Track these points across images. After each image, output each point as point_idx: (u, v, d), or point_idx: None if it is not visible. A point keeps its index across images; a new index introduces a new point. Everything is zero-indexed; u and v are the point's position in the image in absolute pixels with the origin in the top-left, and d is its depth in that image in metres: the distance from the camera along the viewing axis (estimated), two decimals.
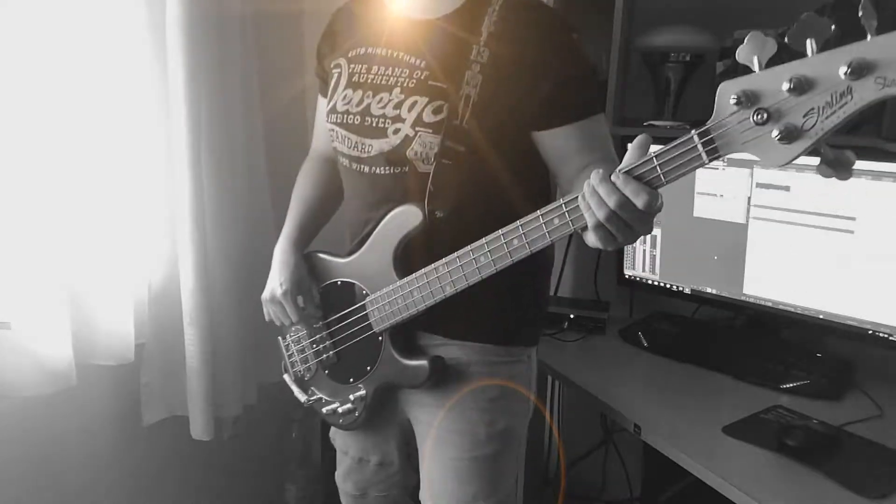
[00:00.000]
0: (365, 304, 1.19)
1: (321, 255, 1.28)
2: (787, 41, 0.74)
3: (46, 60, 1.45)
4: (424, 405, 1.21)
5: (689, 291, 1.72)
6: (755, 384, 1.48)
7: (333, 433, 1.41)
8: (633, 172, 0.85)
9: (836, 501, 1.10)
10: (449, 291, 1.07)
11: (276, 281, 1.26)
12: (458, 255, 1.04)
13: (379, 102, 1.13)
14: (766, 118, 0.77)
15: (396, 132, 1.10)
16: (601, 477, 2.09)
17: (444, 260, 1.06)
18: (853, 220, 1.42)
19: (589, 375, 1.55)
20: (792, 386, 1.45)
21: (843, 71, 0.71)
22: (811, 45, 0.73)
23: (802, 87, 0.74)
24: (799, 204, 1.48)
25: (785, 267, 1.54)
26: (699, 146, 0.81)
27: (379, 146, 1.13)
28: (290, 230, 1.30)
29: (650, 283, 1.79)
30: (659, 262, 1.75)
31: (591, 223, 0.88)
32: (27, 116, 1.44)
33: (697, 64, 1.77)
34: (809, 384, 1.44)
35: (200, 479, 1.94)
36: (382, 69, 1.14)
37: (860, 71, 0.70)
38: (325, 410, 1.29)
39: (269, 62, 1.86)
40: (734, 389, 1.48)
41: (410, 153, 1.10)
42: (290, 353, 1.35)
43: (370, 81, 1.15)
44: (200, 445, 1.72)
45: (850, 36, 0.71)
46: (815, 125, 0.75)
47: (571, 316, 1.80)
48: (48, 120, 1.46)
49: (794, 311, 1.54)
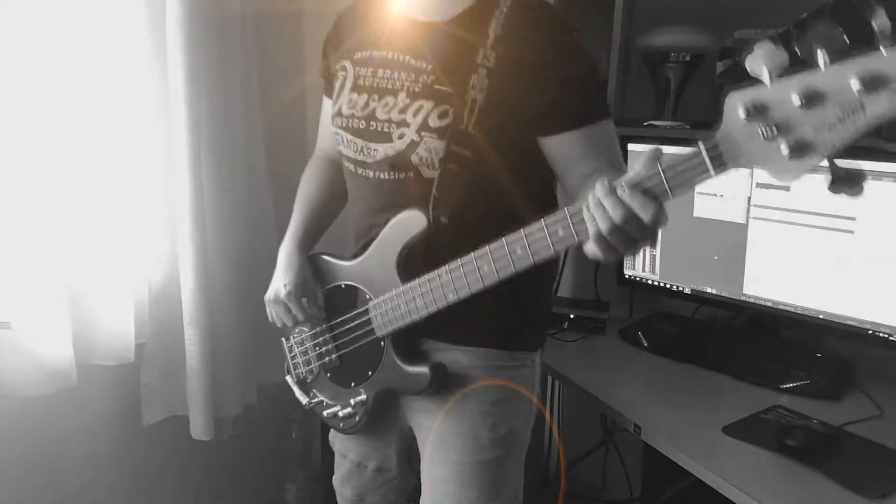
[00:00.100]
0: (368, 308, 1.18)
1: (326, 257, 1.27)
2: (798, 52, 0.71)
3: (47, 61, 1.45)
4: (426, 410, 1.20)
5: (689, 291, 1.72)
6: (755, 384, 1.48)
7: (333, 437, 1.40)
8: (639, 185, 0.83)
9: (836, 501, 1.10)
10: (451, 298, 1.05)
11: (280, 282, 1.25)
12: (461, 262, 1.03)
13: (384, 107, 1.11)
14: (775, 131, 0.74)
15: (401, 137, 1.09)
16: (601, 477, 2.09)
17: (446, 267, 1.04)
18: (853, 220, 1.42)
19: (589, 375, 1.55)
20: (792, 386, 1.45)
21: (855, 85, 0.68)
22: (822, 56, 0.70)
23: (812, 100, 0.70)
24: (799, 204, 1.49)
25: (785, 267, 1.54)
26: (707, 159, 0.79)
27: (384, 151, 1.12)
28: (294, 231, 1.29)
29: (650, 283, 1.79)
30: (659, 262, 1.75)
31: (592, 234, 0.86)
32: (27, 117, 1.44)
33: (697, 64, 1.77)
34: (809, 384, 1.44)
35: (200, 479, 1.94)
36: (388, 72, 1.12)
37: (873, 85, 0.67)
38: (325, 413, 1.29)
39: (269, 62, 1.86)
40: (734, 389, 1.48)
41: (415, 158, 1.08)
42: (292, 354, 1.34)
43: (375, 85, 1.13)
44: (200, 445, 1.72)
45: (849, 37, 0.70)
46: (825, 140, 0.71)
47: (571, 316, 1.80)
48: (48, 120, 1.46)
49: (794, 311, 1.54)
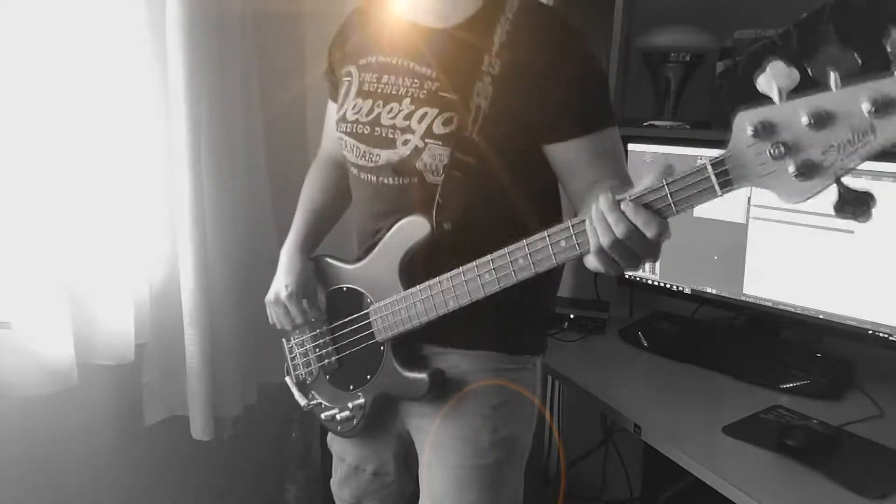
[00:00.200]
0: (368, 312, 1.18)
1: (329, 259, 1.27)
2: (809, 71, 0.69)
3: (47, 61, 1.45)
4: (425, 415, 1.19)
5: (689, 291, 1.72)
6: (755, 384, 1.48)
7: (331, 439, 1.39)
8: (642, 200, 0.82)
9: (836, 501, 1.10)
10: (452, 306, 1.05)
11: (281, 283, 1.25)
12: (462, 270, 1.02)
13: (389, 113, 1.11)
14: (783, 152, 0.73)
15: (406, 143, 1.09)
16: (601, 477, 2.09)
17: (448, 274, 1.04)
18: (854, 220, 1.41)
19: (589, 375, 1.54)
20: (792, 386, 1.45)
21: (866, 108, 0.67)
22: (834, 77, 0.68)
23: (822, 121, 0.69)
24: (799, 204, 1.48)
25: (785, 267, 1.54)
26: (713, 178, 0.78)
27: (387, 156, 1.11)
28: (297, 233, 1.29)
29: (650, 282, 1.79)
30: (659, 262, 1.75)
31: (594, 248, 0.86)
32: (28, 117, 1.44)
33: (697, 64, 1.78)
34: (809, 384, 1.44)
35: (200, 479, 1.94)
36: (393, 79, 1.12)
37: (885, 108, 0.66)
38: (323, 416, 1.28)
39: (269, 62, 1.86)
40: (734, 389, 1.48)
41: (420, 164, 1.08)
42: (292, 355, 1.34)
43: (380, 91, 1.13)
44: (200, 445, 1.72)
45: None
46: (834, 162, 0.70)
47: (571, 316, 1.80)
48: (48, 120, 1.46)
49: (793, 311, 1.54)
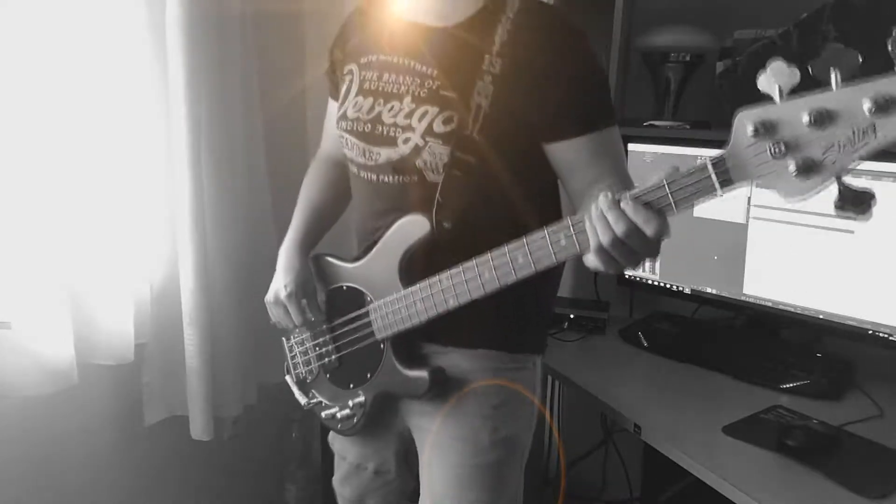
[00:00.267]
0: (368, 310, 1.18)
1: (328, 258, 1.27)
2: (810, 70, 0.70)
3: (47, 61, 1.45)
4: (426, 413, 1.19)
5: (689, 291, 1.72)
6: (755, 384, 1.48)
7: (332, 438, 1.39)
8: (642, 199, 0.83)
9: (836, 501, 1.10)
10: (452, 304, 1.05)
11: (280, 283, 1.25)
12: (462, 268, 1.02)
13: (390, 111, 1.11)
14: (783, 150, 0.73)
15: (406, 141, 1.09)
16: (601, 477, 2.09)
17: (448, 272, 1.04)
18: (853, 220, 1.41)
19: (589, 375, 1.54)
20: (792, 386, 1.45)
21: (867, 107, 0.67)
22: (835, 76, 0.69)
23: (823, 120, 0.70)
24: (799, 204, 1.48)
25: (785, 267, 1.54)
26: (713, 176, 0.78)
27: (387, 154, 1.11)
28: (295, 232, 1.29)
29: (650, 282, 1.79)
30: (659, 262, 1.75)
31: (593, 246, 0.86)
32: (28, 117, 1.44)
33: (697, 64, 1.77)
34: (809, 384, 1.44)
35: (200, 479, 1.94)
36: (393, 77, 1.12)
37: (886, 108, 0.66)
38: (324, 414, 1.29)
39: (269, 62, 1.86)
40: (734, 389, 1.48)
41: (419, 162, 1.08)
42: (292, 354, 1.34)
43: (381, 89, 1.13)
44: (200, 445, 1.72)
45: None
46: (835, 161, 0.71)
47: (571, 316, 1.80)
48: (48, 120, 1.46)
49: (793, 311, 1.54)
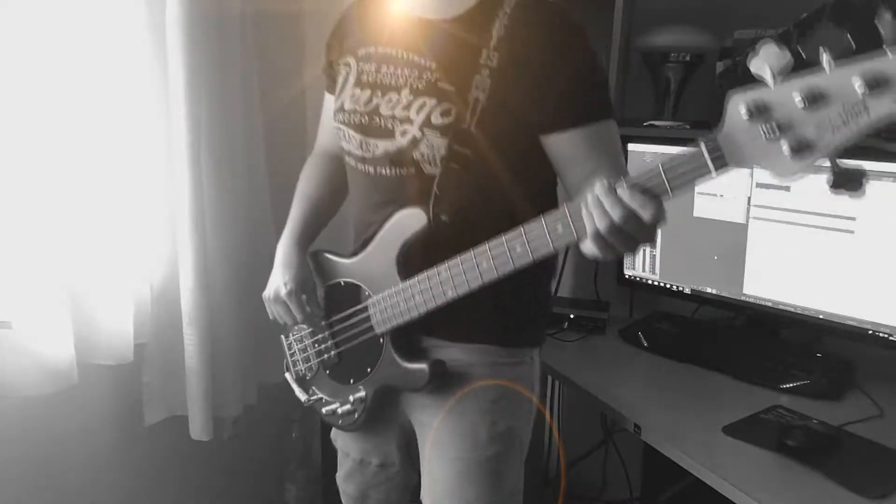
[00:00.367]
0: (367, 305, 1.18)
1: (326, 254, 1.27)
2: (801, 52, 0.72)
3: (47, 61, 1.45)
4: (426, 407, 1.20)
5: (689, 291, 1.72)
6: (755, 384, 1.48)
7: (335, 434, 1.40)
8: (638, 184, 0.84)
9: (836, 501, 1.10)
10: (450, 295, 1.06)
11: (279, 280, 1.25)
12: (460, 259, 1.03)
13: (388, 103, 1.11)
14: (777, 131, 0.75)
15: (404, 133, 1.09)
16: (601, 477, 2.09)
17: (446, 263, 1.05)
18: (853, 220, 1.42)
19: (589, 375, 1.54)
20: (792, 386, 1.45)
21: (857, 85, 0.69)
22: (826, 56, 0.71)
23: (815, 99, 0.72)
24: (799, 204, 1.49)
25: (785, 267, 1.54)
26: (707, 158, 0.79)
27: (384, 147, 1.12)
28: (293, 228, 1.29)
29: (650, 283, 1.79)
30: (659, 262, 1.75)
31: (590, 233, 0.87)
32: (28, 117, 1.44)
33: (697, 64, 1.77)
34: (809, 384, 1.44)
35: (200, 479, 1.94)
36: (391, 69, 1.12)
37: (876, 85, 0.68)
38: (324, 411, 1.29)
39: (269, 62, 1.86)
40: (734, 389, 1.48)
41: (417, 154, 1.09)
42: (292, 351, 1.34)
43: (379, 81, 1.13)
44: (200, 445, 1.72)
45: (854, 39, 0.70)
46: (826, 139, 0.72)
47: (571, 316, 1.80)
48: (48, 120, 1.46)
49: (793, 311, 1.54)
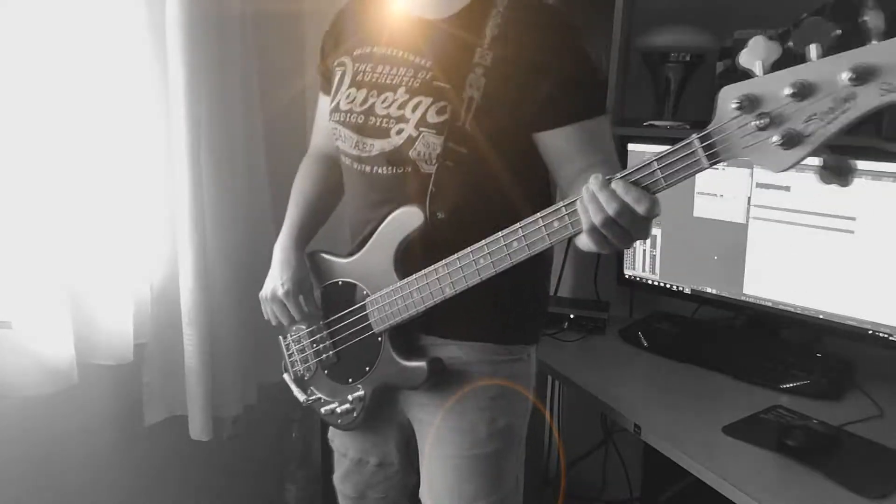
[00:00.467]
0: (365, 304, 1.19)
1: (323, 254, 1.28)
2: (790, 45, 0.73)
3: (47, 60, 1.45)
4: (424, 405, 1.21)
5: (689, 291, 1.72)
6: (755, 384, 1.48)
7: (332, 434, 1.40)
8: (632, 178, 0.85)
9: (836, 501, 1.10)
10: (448, 293, 1.07)
11: (277, 280, 1.26)
12: (457, 256, 1.04)
13: (384, 102, 1.12)
14: (767, 123, 0.76)
15: (400, 132, 1.10)
16: (601, 477, 2.09)
17: (443, 261, 1.06)
18: (853, 220, 1.42)
19: (589, 375, 1.54)
20: (792, 386, 1.45)
21: (846, 76, 0.70)
22: (814, 49, 0.72)
23: (804, 92, 0.73)
24: (799, 204, 1.48)
25: (785, 267, 1.54)
26: (700, 151, 0.81)
27: (380, 146, 1.12)
28: (290, 228, 1.30)
29: (650, 283, 1.79)
30: (659, 262, 1.75)
31: (586, 227, 0.88)
32: (27, 117, 1.44)
33: (697, 64, 1.77)
34: (809, 384, 1.44)
35: (200, 479, 1.94)
36: (387, 68, 1.13)
37: (863, 76, 0.69)
38: (323, 410, 1.29)
39: (269, 62, 1.86)
40: (734, 389, 1.48)
41: (413, 153, 1.09)
42: (290, 352, 1.34)
43: (375, 80, 1.14)
44: (200, 445, 1.72)
45: (850, 37, 0.71)
46: (816, 131, 0.74)
47: (571, 316, 1.80)
48: (48, 120, 1.46)
49: (793, 311, 1.54)
